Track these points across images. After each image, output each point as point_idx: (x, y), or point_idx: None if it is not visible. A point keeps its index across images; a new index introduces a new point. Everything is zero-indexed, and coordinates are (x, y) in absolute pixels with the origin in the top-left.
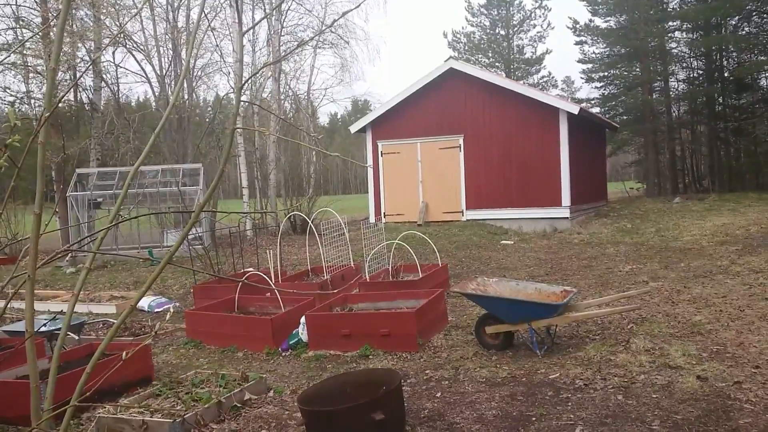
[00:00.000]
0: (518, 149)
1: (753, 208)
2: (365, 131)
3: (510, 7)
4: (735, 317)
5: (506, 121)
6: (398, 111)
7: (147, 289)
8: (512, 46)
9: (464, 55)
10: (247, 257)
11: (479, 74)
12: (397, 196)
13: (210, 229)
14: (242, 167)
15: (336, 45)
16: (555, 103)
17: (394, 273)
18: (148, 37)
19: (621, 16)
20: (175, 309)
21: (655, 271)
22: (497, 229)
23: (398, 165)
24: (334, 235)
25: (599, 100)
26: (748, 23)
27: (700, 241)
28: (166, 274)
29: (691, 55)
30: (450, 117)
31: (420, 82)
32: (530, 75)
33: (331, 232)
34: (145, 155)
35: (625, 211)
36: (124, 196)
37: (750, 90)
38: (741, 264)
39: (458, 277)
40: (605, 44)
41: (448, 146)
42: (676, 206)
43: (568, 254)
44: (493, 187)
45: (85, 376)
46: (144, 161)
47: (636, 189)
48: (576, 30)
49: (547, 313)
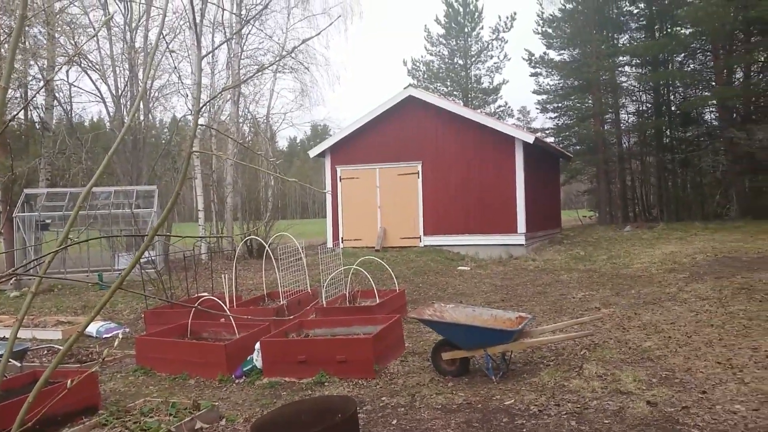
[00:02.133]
0: (475, 176)
1: (699, 237)
2: (324, 156)
3: (468, 38)
4: (683, 343)
5: (464, 149)
6: (357, 137)
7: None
8: (470, 76)
9: (423, 83)
10: (202, 282)
11: (437, 102)
12: (356, 221)
13: (163, 253)
14: (198, 190)
15: (296, 70)
16: (511, 132)
17: (351, 298)
18: (104, 57)
19: (574, 50)
20: (124, 335)
21: (607, 297)
22: (454, 255)
23: (357, 190)
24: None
25: (553, 130)
26: (693, 60)
27: (649, 269)
28: (116, 299)
29: (640, 89)
30: (409, 144)
31: (379, 109)
32: (487, 104)
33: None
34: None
35: (579, 238)
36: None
37: (695, 124)
38: (688, 291)
39: (416, 302)
40: (559, 76)
41: (406, 172)
42: (627, 234)
43: (523, 280)
44: (451, 213)
45: (26, 406)
46: (96, 182)
47: (589, 217)
48: (531, 62)
49: (503, 339)
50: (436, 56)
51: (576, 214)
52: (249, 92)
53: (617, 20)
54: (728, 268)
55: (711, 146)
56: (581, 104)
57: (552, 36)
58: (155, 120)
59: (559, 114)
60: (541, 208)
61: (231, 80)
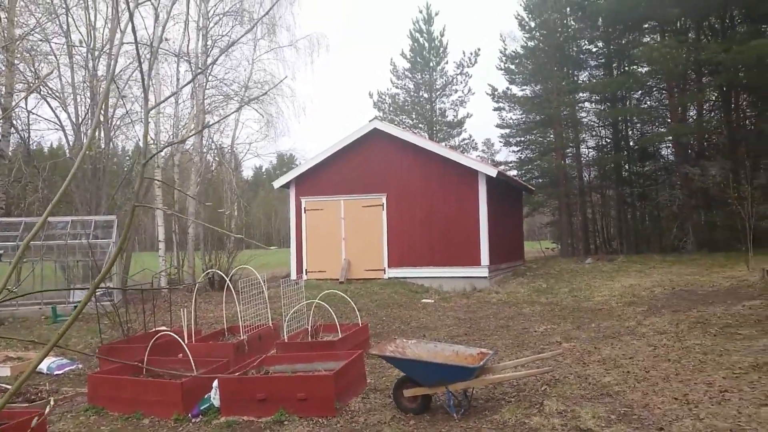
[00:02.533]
0: (439, 209)
1: (657, 270)
2: (289, 187)
3: (433, 72)
4: (641, 378)
5: (428, 182)
6: (323, 168)
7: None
8: (435, 109)
9: (389, 115)
10: (161, 315)
11: (402, 135)
12: (320, 252)
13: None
14: (159, 220)
15: (262, 101)
16: (474, 166)
17: (313, 333)
18: (65, 84)
19: (536, 85)
20: (78, 371)
21: (567, 331)
22: (418, 287)
23: (321, 222)
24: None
25: (517, 163)
26: (649, 97)
27: (609, 302)
28: (70, 333)
29: (599, 125)
30: (374, 176)
31: (345, 141)
32: (452, 137)
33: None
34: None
35: (541, 270)
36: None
37: (652, 159)
38: (646, 325)
39: (379, 336)
40: (521, 111)
41: (371, 204)
42: (588, 267)
43: (486, 314)
44: (415, 245)
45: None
46: (53, 211)
47: (551, 249)
48: (494, 97)
49: (465, 375)
50: (402, 89)
51: (539, 245)
52: (214, 121)
53: (577, 58)
54: (685, 302)
55: (668, 181)
56: (543, 138)
57: (514, 72)
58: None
59: (521, 147)
60: (505, 240)
61: (195, 109)
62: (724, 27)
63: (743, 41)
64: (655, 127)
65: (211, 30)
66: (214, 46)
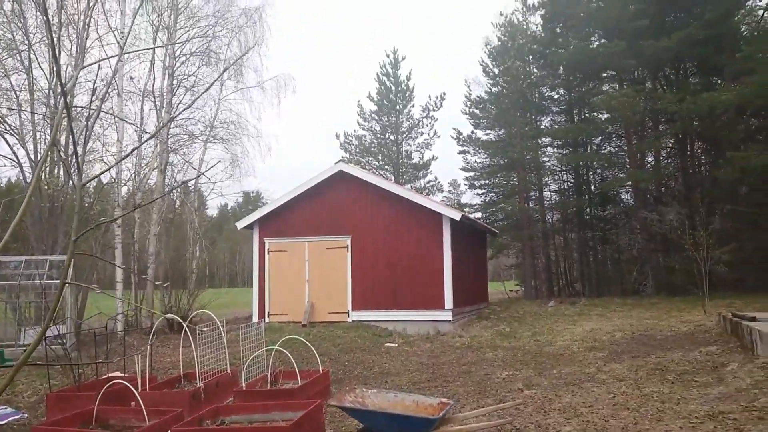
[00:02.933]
0: (404, 252)
1: (618, 313)
2: (252, 228)
3: (399, 115)
4: (600, 428)
5: (393, 224)
6: (287, 209)
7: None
8: (401, 151)
9: (356, 157)
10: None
11: (368, 178)
12: (283, 294)
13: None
14: (118, 260)
15: (227, 141)
16: (439, 209)
17: (272, 380)
18: (24, 121)
19: (500, 130)
20: (23, 420)
21: (529, 378)
22: (382, 330)
23: (285, 263)
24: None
25: (481, 205)
26: (609, 143)
27: (571, 347)
28: (17, 378)
29: (561, 169)
30: (339, 217)
31: (310, 182)
32: (418, 179)
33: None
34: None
35: (505, 313)
36: None
37: (613, 203)
38: (606, 371)
39: (341, 382)
40: (486, 155)
41: (335, 246)
42: (551, 310)
43: (449, 359)
44: (379, 288)
45: None
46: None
47: (515, 291)
48: (459, 140)
49: (424, 426)
50: (369, 131)
51: (503, 286)
52: (177, 161)
53: (539, 104)
54: (644, 347)
55: (627, 225)
56: (507, 182)
57: (479, 116)
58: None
59: (486, 190)
60: (469, 283)
61: (159, 148)
62: (678, 78)
63: (696, 92)
64: (615, 172)
65: (178, 70)
66: (180, 85)
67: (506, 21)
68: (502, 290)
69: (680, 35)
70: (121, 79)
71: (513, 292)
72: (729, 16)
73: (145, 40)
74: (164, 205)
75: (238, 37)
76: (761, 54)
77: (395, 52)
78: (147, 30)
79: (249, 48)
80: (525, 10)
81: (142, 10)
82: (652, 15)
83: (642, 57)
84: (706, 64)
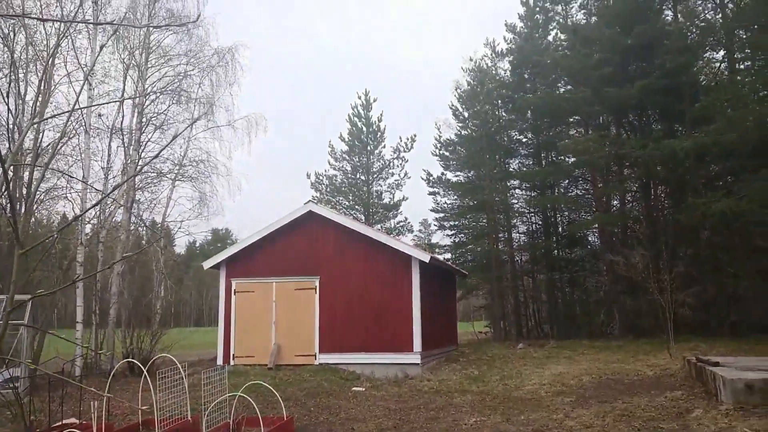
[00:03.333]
0: (373, 293)
1: (586, 356)
2: (219, 268)
3: (371, 156)
4: None
5: (362, 266)
6: (255, 249)
7: None
8: (372, 191)
9: (326, 196)
10: (72, 404)
11: (337, 218)
12: (249, 336)
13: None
14: (79, 300)
15: (196, 179)
16: (408, 251)
17: (235, 427)
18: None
19: (469, 171)
20: None
21: (497, 424)
22: (350, 374)
23: (252, 304)
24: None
25: (451, 246)
26: (576, 186)
27: (539, 391)
28: None
29: (530, 211)
30: (307, 258)
31: (279, 222)
32: (388, 219)
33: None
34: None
35: (474, 356)
36: None
37: (580, 245)
38: (574, 417)
39: (305, 430)
40: (455, 196)
41: (304, 287)
42: (520, 352)
43: (417, 404)
44: (347, 330)
45: None
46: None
47: (484, 332)
48: (429, 182)
49: None
50: (340, 171)
51: (472, 327)
52: (144, 199)
53: (508, 147)
54: (611, 391)
55: (595, 267)
56: (476, 223)
57: (449, 158)
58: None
59: (455, 231)
60: (438, 325)
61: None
62: (641, 124)
63: (658, 138)
64: (582, 214)
65: (147, 108)
66: (149, 123)
67: (475, 66)
68: (472, 331)
69: (643, 84)
70: (88, 116)
71: (482, 334)
72: (688, 67)
73: (115, 77)
74: (128, 243)
75: (210, 77)
76: (719, 104)
77: (367, 93)
78: (117, 68)
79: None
80: (494, 55)
81: (113, 47)
82: (615, 64)
83: (606, 103)
84: (668, 112)
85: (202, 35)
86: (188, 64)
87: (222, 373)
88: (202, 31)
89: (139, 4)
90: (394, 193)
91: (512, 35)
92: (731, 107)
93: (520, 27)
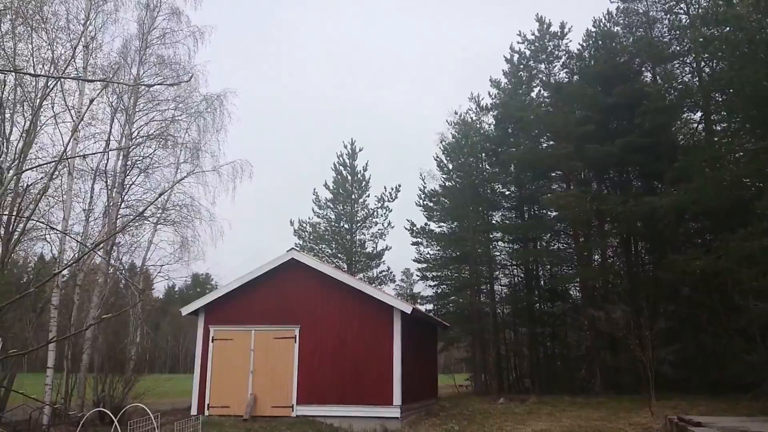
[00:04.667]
0: (353, 344)
1: (567, 413)
2: (198, 314)
3: (355, 205)
4: None
5: (343, 316)
6: (235, 296)
7: None
8: (355, 240)
9: (309, 244)
10: None
11: (319, 267)
12: (225, 385)
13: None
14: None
15: (178, 223)
16: (390, 302)
17: None
18: None
19: (453, 223)
20: None
21: None
22: (327, 427)
23: (229, 352)
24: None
25: (433, 297)
26: (558, 240)
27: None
28: None
29: (512, 263)
30: (288, 307)
31: (260, 270)
32: (371, 268)
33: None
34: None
35: (454, 410)
36: None
37: (562, 299)
38: None
39: None
40: (438, 247)
41: (283, 336)
42: (501, 407)
43: None
44: (326, 381)
45: None
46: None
47: (465, 385)
48: (413, 232)
49: None
50: (323, 219)
51: (453, 380)
52: (125, 242)
53: (492, 199)
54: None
55: (576, 322)
56: (458, 274)
57: (433, 209)
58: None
59: (438, 282)
60: (418, 377)
61: (107, 228)
62: (622, 180)
63: (638, 195)
64: (564, 268)
65: (133, 151)
66: (134, 166)
67: (460, 119)
68: (453, 383)
69: (623, 142)
70: (73, 159)
71: (462, 387)
72: (667, 127)
73: (102, 120)
74: (106, 287)
75: (197, 122)
76: (696, 164)
77: (352, 143)
78: (105, 111)
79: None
80: (478, 110)
81: (102, 91)
82: (597, 121)
83: (588, 160)
84: (647, 169)
85: (191, 82)
86: (176, 110)
87: (196, 425)
88: (192, 78)
89: (130, 50)
90: (378, 242)
91: (496, 90)
92: (708, 167)
93: (504, 83)
